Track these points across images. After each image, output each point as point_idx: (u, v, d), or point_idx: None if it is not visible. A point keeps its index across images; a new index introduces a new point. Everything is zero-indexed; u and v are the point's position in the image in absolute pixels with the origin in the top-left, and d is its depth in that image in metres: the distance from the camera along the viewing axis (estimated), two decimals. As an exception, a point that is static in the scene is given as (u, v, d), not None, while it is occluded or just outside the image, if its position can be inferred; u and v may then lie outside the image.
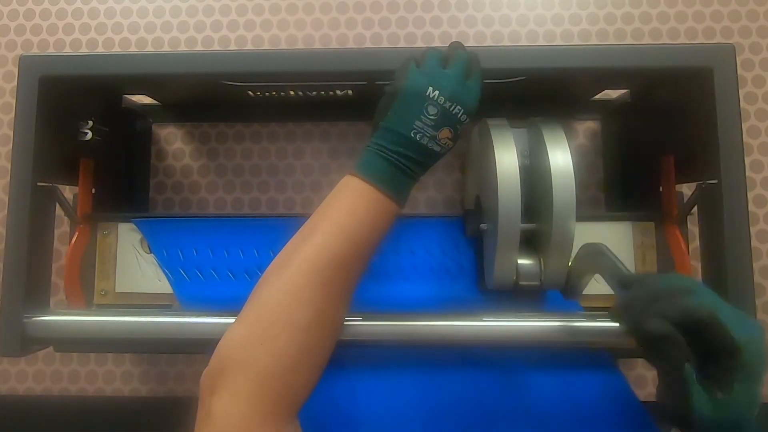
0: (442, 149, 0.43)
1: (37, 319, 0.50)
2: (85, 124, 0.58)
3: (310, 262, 0.39)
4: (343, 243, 0.40)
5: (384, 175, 0.42)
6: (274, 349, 0.36)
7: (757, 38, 0.75)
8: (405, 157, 0.42)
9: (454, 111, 0.43)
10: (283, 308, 0.38)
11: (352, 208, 0.41)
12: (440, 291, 0.56)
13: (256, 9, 0.78)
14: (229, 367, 0.36)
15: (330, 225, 0.41)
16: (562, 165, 0.48)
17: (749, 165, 0.73)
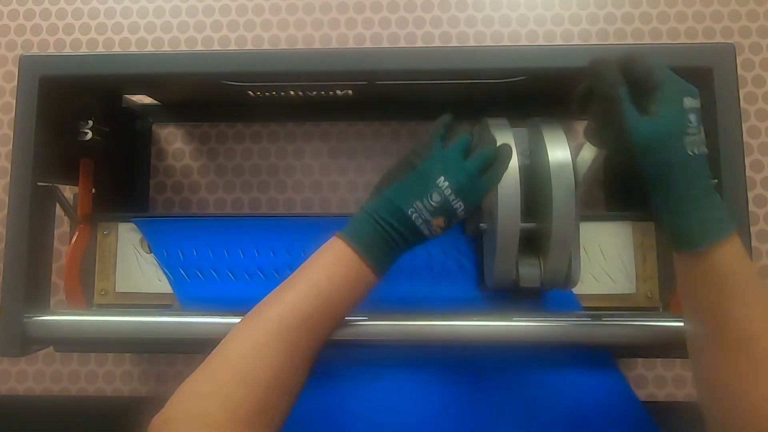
0: (430, 235, 0.43)
1: (37, 319, 0.50)
2: (85, 124, 0.58)
3: (279, 322, 0.39)
4: (315, 305, 0.41)
5: (370, 243, 0.42)
6: (228, 403, 0.36)
7: (757, 38, 0.75)
8: (395, 230, 0.42)
9: (455, 205, 0.43)
10: (243, 363, 0.38)
11: (331, 270, 0.42)
12: (440, 290, 0.56)
13: (256, 9, 0.78)
14: (178, 419, 0.36)
15: (306, 285, 0.41)
16: (561, 164, 0.48)
17: (749, 165, 0.73)
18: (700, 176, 0.38)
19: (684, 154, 0.37)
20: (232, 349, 0.39)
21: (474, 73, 0.51)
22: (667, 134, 0.38)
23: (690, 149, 0.37)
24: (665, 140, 0.38)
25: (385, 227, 0.42)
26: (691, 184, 0.38)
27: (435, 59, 0.51)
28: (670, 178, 0.38)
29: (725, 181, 0.49)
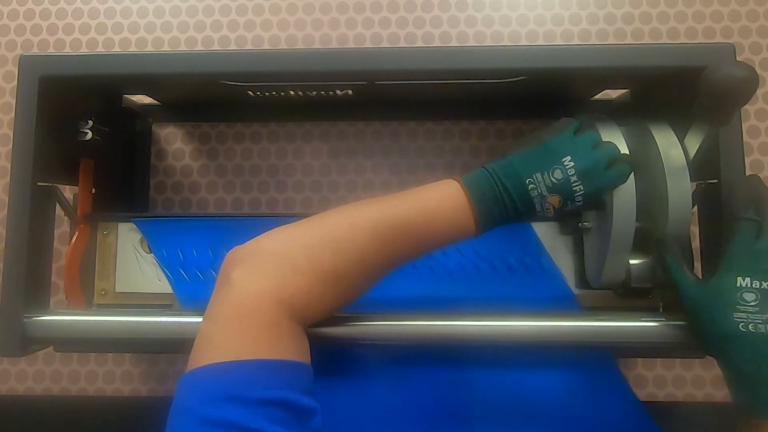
0: (541, 211, 0.43)
1: (37, 319, 0.50)
2: (85, 124, 0.58)
3: (380, 216, 0.40)
4: (417, 221, 0.41)
5: (482, 197, 0.42)
6: (313, 256, 0.38)
7: (757, 38, 0.75)
8: (509, 195, 0.42)
9: (575, 187, 0.43)
10: (338, 231, 0.39)
11: (441, 202, 0.42)
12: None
13: (256, 9, 0.78)
14: (264, 252, 0.38)
15: (415, 202, 0.42)
16: (677, 166, 0.48)
17: (749, 165, 0.73)
18: (759, 353, 0.38)
19: (734, 329, 0.38)
20: (331, 217, 0.41)
21: (474, 73, 0.51)
22: (711, 305, 0.39)
23: (743, 325, 0.38)
24: (710, 310, 0.39)
25: (500, 188, 0.42)
26: (747, 360, 0.38)
27: (435, 59, 0.51)
28: (722, 349, 0.39)
29: (725, 181, 0.49)
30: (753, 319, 0.38)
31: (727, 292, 0.39)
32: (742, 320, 0.38)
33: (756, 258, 0.40)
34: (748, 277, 0.39)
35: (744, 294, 0.38)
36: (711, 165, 0.50)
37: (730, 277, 0.39)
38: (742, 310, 0.38)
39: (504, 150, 0.76)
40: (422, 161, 0.76)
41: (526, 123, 0.76)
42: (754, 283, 0.39)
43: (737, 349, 0.38)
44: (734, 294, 0.39)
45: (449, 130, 0.76)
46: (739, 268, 0.40)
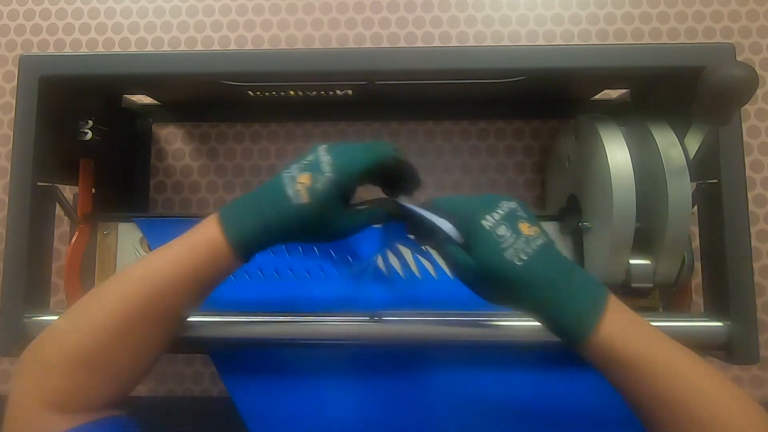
0: (294, 195, 0.39)
1: (37, 319, 0.50)
2: (85, 124, 0.58)
3: (131, 293, 0.38)
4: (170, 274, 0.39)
5: (234, 204, 0.41)
6: (62, 350, 0.37)
7: (757, 38, 0.75)
8: (261, 191, 0.41)
9: (322, 159, 0.40)
10: (91, 315, 0.38)
11: (192, 237, 0.41)
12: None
13: (256, 9, 0.78)
14: (24, 354, 0.37)
15: (168, 252, 0.41)
16: (677, 166, 0.48)
17: (749, 165, 0.73)
18: (540, 277, 0.37)
19: (514, 270, 0.37)
20: (92, 297, 0.39)
21: (474, 73, 0.51)
22: (486, 263, 0.38)
23: (516, 259, 0.37)
24: (490, 269, 0.38)
25: (254, 190, 0.41)
26: (537, 293, 0.37)
27: (435, 59, 0.51)
28: (516, 295, 0.38)
29: (725, 181, 0.49)
30: (518, 247, 0.37)
31: (488, 241, 0.38)
32: (514, 255, 0.37)
33: (469, 201, 0.40)
34: (486, 215, 0.38)
35: (498, 231, 0.38)
36: (711, 165, 0.50)
37: (477, 228, 0.38)
38: (507, 245, 0.37)
39: (504, 150, 0.76)
40: (422, 161, 0.76)
41: (526, 123, 0.76)
42: (494, 216, 0.38)
43: (527, 283, 0.37)
44: (491, 236, 0.38)
45: (449, 130, 0.76)
46: (473, 215, 0.39)
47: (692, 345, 0.50)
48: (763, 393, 0.71)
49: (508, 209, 0.39)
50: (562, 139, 0.66)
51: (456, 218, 0.40)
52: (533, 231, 0.38)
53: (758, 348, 0.48)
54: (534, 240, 0.38)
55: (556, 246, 0.39)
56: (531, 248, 0.37)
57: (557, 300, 0.37)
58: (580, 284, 0.37)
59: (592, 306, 0.36)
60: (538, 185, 0.75)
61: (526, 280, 0.37)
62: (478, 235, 0.38)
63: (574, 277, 0.38)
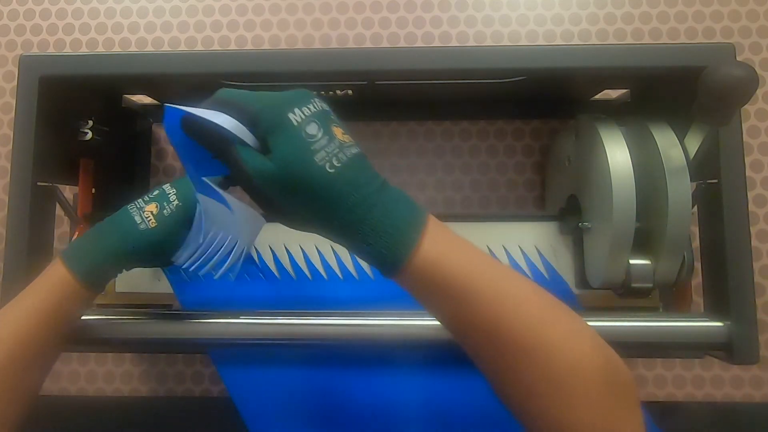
0: (143, 223, 0.45)
1: (37, 319, 0.50)
2: (85, 124, 0.58)
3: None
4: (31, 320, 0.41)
5: (78, 240, 0.45)
6: None
7: (757, 38, 0.75)
8: (106, 223, 0.46)
9: (168, 192, 0.47)
10: None
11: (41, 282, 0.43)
12: None
13: (256, 9, 0.78)
14: None
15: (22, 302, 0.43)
16: (677, 166, 0.48)
17: (749, 165, 0.73)
18: (353, 190, 0.31)
19: (325, 177, 0.31)
20: None
21: (474, 73, 0.51)
22: (291, 165, 0.31)
23: (328, 165, 0.31)
24: (295, 173, 0.31)
25: (95, 227, 0.45)
26: (348, 209, 0.31)
27: (435, 59, 0.51)
28: (323, 210, 0.32)
29: (725, 181, 0.49)
30: (330, 151, 0.31)
31: (295, 138, 0.31)
32: (325, 159, 0.31)
33: (272, 94, 0.34)
34: (294, 108, 0.32)
35: (307, 129, 0.32)
36: (711, 165, 0.50)
37: (282, 122, 0.32)
38: (318, 148, 0.31)
39: (504, 150, 0.76)
40: (422, 161, 0.76)
41: (526, 123, 0.76)
42: (303, 111, 0.32)
43: (339, 195, 0.31)
44: (299, 134, 0.31)
45: (449, 130, 0.76)
46: (278, 108, 0.32)
47: (692, 345, 0.51)
48: (763, 393, 0.71)
49: (321, 108, 0.34)
50: (562, 139, 0.66)
51: (254, 111, 0.32)
52: (348, 138, 0.33)
53: (758, 348, 0.48)
54: (349, 147, 0.32)
55: (369, 160, 0.34)
56: (345, 155, 0.32)
57: (371, 218, 0.31)
58: (396, 201, 0.32)
59: (409, 226, 0.32)
60: (538, 185, 0.75)
61: (338, 191, 0.31)
62: (282, 132, 0.32)
63: (389, 193, 0.33)
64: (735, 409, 0.71)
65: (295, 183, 0.31)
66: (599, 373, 0.30)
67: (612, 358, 0.32)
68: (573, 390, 0.30)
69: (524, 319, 0.31)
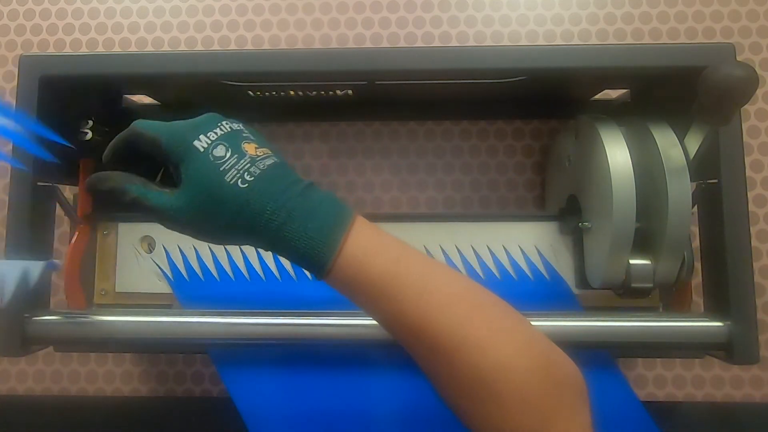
0: None
1: (37, 319, 0.50)
2: (85, 124, 0.58)
3: None
4: None
5: None
6: None
7: (757, 38, 0.75)
8: None
9: None
10: None
11: None
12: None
13: (256, 9, 0.78)
14: None
15: None
16: (677, 166, 0.48)
17: (749, 165, 0.73)
18: (270, 200, 0.32)
19: (238, 193, 0.32)
20: None
21: (474, 73, 0.51)
22: (202, 190, 0.32)
23: (240, 181, 0.32)
24: (208, 196, 0.32)
25: None
26: (269, 218, 0.32)
27: (435, 59, 0.51)
28: (245, 225, 0.32)
29: (725, 181, 0.49)
30: (241, 168, 0.32)
31: (203, 164, 0.32)
32: (237, 176, 0.32)
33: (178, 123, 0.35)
34: (199, 134, 0.33)
35: (214, 152, 0.32)
36: (711, 165, 0.50)
37: (188, 152, 0.33)
38: (228, 167, 0.32)
39: (504, 150, 0.76)
40: (422, 161, 0.76)
41: (526, 123, 0.76)
42: (209, 136, 0.33)
43: (257, 208, 0.32)
44: (206, 158, 0.32)
45: (449, 130, 0.76)
46: (181, 138, 0.33)
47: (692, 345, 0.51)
48: (763, 393, 0.71)
49: (229, 129, 0.34)
50: (562, 139, 0.66)
51: (162, 144, 0.34)
52: (262, 152, 0.34)
53: (758, 348, 0.48)
54: (263, 159, 0.33)
55: (292, 168, 0.35)
56: (258, 168, 0.32)
57: (293, 223, 0.32)
58: (318, 204, 0.33)
59: (331, 229, 0.32)
60: (538, 185, 0.75)
61: (255, 205, 0.32)
62: (190, 159, 0.33)
63: (311, 197, 0.33)
64: (735, 409, 0.71)
65: (210, 205, 0.32)
66: (531, 373, 0.30)
67: (550, 356, 0.31)
68: (502, 390, 0.29)
69: (450, 318, 0.30)
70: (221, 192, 0.32)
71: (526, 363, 0.30)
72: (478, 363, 0.30)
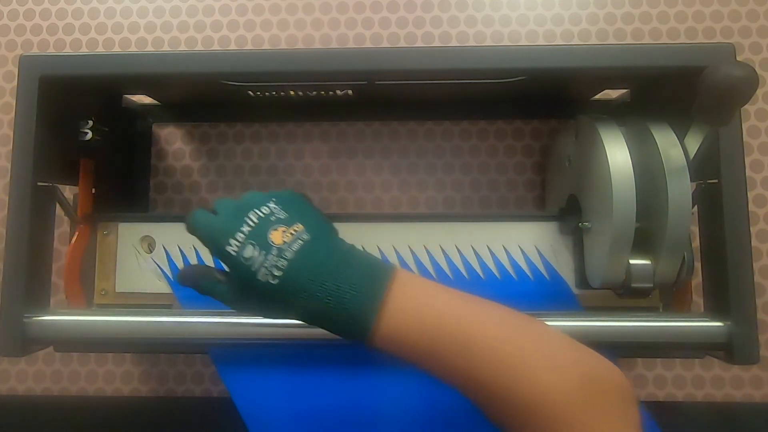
0: None
1: (37, 319, 0.50)
2: (85, 124, 0.58)
3: None
4: None
5: None
6: None
7: (757, 38, 0.75)
8: None
9: None
10: None
11: None
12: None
13: (256, 9, 0.78)
14: None
15: None
16: (677, 165, 0.48)
17: (749, 165, 0.73)
18: (301, 288, 0.34)
19: (272, 287, 0.34)
20: None
21: (474, 73, 0.51)
22: (243, 290, 0.36)
23: (270, 278, 0.34)
24: (250, 295, 0.36)
25: None
26: (305, 303, 0.34)
27: (435, 59, 0.51)
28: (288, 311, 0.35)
29: (725, 181, 0.49)
30: (269, 264, 0.34)
31: (236, 267, 0.35)
32: (267, 275, 0.34)
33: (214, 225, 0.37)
34: (229, 239, 0.36)
35: (244, 254, 0.35)
36: (711, 165, 0.50)
37: (225, 258, 0.36)
38: (257, 267, 0.34)
39: (504, 150, 0.76)
40: (422, 161, 0.76)
41: (526, 123, 0.76)
42: (238, 237, 0.35)
43: (291, 298, 0.34)
44: (239, 261, 0.35)
45: (449, 130, 0.76)
46: (216, 244, 0.36)
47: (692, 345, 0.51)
48: (763, 393, 0.72)
49: (257, 220, 0.36)
50: (562, 139, 0.66)
51: (206, 245, 0.37)
52: (290, 235, 0.35)
53: (758, 348, 0.48)
54: (290, 246, 0.35)
55: (328, 237, 0.37)
56: (285, 259, 0.35)
57: (326, 307, 0.34)
58: (349, 280, 0.34)
59: (365, 301, 0.34)
60: (538, 185, 0.75)
61: (288, 295, 0.35)
62: (227, 263, 0.36)
63: (342, 274, 0.35)
64: (735, 409, 0.71)
65: (252, 298, 0.36)
66: (577, 393, 0.31)
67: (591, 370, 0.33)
68: (553, 416, 0.31)
69: (496, 364, 0.32)
70: (256, 290, 0.35)
71: (570, 386, 0.31)
72: (528, 399, 0.31)
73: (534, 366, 0.32)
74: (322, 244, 0.36)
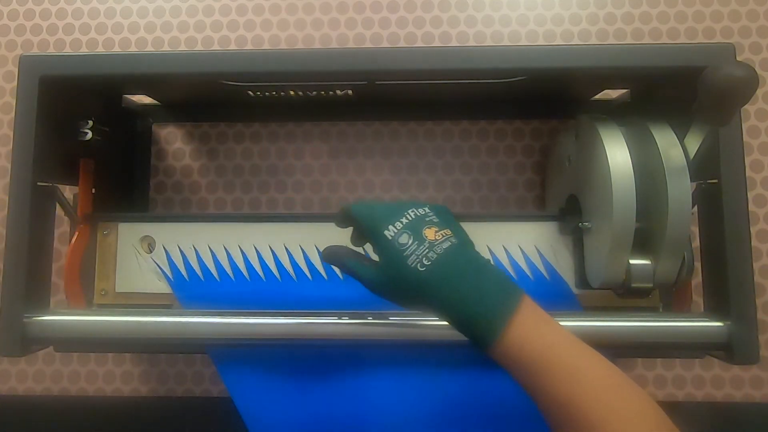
0: None
1: (37, 319, 0.50)
2: (85, 124, 0.58)
3: None
4: None
5: None
6: None
7: (757, 38, 0.75)
8: None
9: None
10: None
11: None
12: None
13: (256, 9, 0.78)
14: None
15: None
16: (677, 165, 0.48)
17: (749, 165, 0.73)
18: (444, 281, 0.38)
19: (417, 273, 0.38)
20: None
21: (474, 73, 0.51)
22: (389, 271, 0.40)
23: (419, 265, 0.38)
24: (393, 277, 0.39)
25: None
26: (443, 296, 0.38)
27: (435, 59, 0.51)
28: (424, 299, 0.39)
29: (725, 181, 0.49)
30: (420, 253, 0.38)
31: (390, 250, 0.39)
32: (416, 261, 0.38)
33: (375, 211, 0.42)
34: (389, 225, 0.40)
35: (399, 240, 0.39)
36: (711, 165, 0.50)
37: (380, 239, 0.40)
38: (409, 253, 0.38)
39: (504, 150, 0.76)
40: (422, 161, 0.76)
41: (526, 123, 0.76)
42: (396, 225, 0.40)
43: (432, 287, 0.38)
44: (394, 244, 0.39)
45: (449, 130, 0.76)
46: (376, 227, 0.40)
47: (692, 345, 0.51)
48: (763, 393, 0.72)
49: (414, 216, 0.41)
50: (562, 139, 0.66)
51: (365, 229, 0.42)
52: (441, 235, 0.39)
53: (758, 348, 0.48)
54: (440, 243, 0.39)
55: (471, 247, 0.41)
56: (435, 253, 0.38)
57: (463, 302, 0.37)
58: (488, 286, 0.38)
59: (500, 308, 0.37)
60: (538, 185, 0.75)
61: (431, 285, 0.38)
62: (381, 246, 0.40)
63: (483, 279, 0.38)
64: (735, 409, 0.71)
65: (397, 282, 0.40)
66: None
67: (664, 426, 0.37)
68: None
69: (594, 400, 0.35)
70: (404, 273, 0.39)
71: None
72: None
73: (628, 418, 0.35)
74: (467, 249, 0.40)
